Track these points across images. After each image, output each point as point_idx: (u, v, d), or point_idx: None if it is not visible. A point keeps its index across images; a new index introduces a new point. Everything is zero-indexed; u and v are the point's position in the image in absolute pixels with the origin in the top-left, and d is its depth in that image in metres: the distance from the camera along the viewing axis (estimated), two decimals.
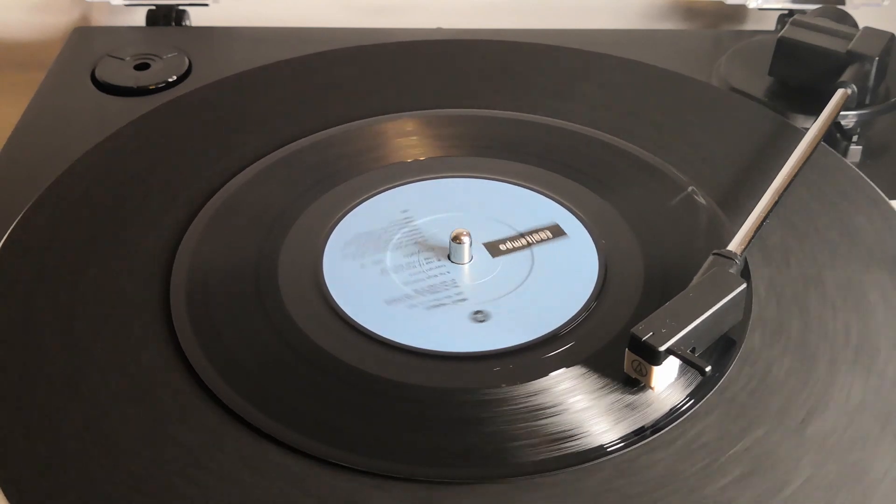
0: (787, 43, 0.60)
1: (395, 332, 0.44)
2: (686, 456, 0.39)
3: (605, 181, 0.52)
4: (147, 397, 0.41)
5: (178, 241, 0.48)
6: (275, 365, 0.42)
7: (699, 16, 0.78)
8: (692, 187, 0.51)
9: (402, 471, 0.38)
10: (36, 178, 0.53)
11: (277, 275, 0.46)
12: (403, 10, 0.77)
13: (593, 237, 0.49)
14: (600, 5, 0.77)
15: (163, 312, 0.44)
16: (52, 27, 0.77)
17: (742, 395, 0.41)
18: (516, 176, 0.52)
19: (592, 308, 0.45)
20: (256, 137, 0.55)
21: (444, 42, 0.65)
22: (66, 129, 0.59)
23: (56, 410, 0.40)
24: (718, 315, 0.41)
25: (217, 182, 0.52)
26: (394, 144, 0.55)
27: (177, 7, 0.71)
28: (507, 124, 0.56)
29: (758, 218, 0.46)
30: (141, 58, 0.65)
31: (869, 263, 0.47)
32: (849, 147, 0.58)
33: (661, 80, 0.60)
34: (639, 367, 0.40)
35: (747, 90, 0.61)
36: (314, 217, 0.50)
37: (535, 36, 0.65)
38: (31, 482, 0.37)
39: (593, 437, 0.39)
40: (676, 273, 0.45)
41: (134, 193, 0.51)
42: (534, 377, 0.41)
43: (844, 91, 0.56)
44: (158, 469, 0.38)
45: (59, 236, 0.48)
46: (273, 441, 0.39)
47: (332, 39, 0.65)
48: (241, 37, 0.69)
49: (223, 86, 0.59)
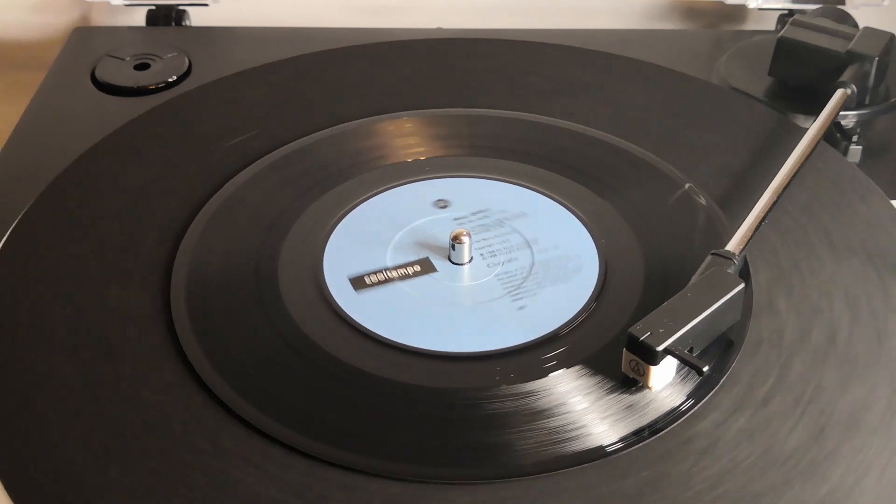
0: (787, 43, 0.60)
1: (395, 332, 0.44)
2: (686, 456, 0.39)
3: (605, 181, 0.52)
4: (147, 397, 0.41)
5: (178, 241, 0.48)
6: (275, 364, 0.42)
7: (699, 16, 0.78)
8: (689, 184, 0.51)
9: (402, 470, 0.38)
10: (36, 178, 0.53)
11: (277, 275, 0.46)
12: (403, 10, 0.77)
13: (593, 237, 0.49)
14: (600, 5, 0.77)
15: (163, 312, 0.44)
16: (52, 27, 0.77)
17: (741, 395, 0.41)
18: (516, 176, 0.52)
19: (592, 308, 0.45)
20: (256, 137, 0.55)
21: (444, 42, 0.65)
22: (66, 129, 0.59)
23: (56, 411, 0.40)
24: (716, 315, 0.41)
25: (217, 182, 0.52)
26: (394, 144, 0.55)
27: (177, 7, 0.71)
28: (507, 124, 0.56)
29: (756, 218, 0.46)
30: (141, 58, 0.65)
31: (869, 263, 0.47)
32: (849, 147, 0.58)
33: (661, 80, 0.60)
34: (636, 366, 0.40)
35: (747, 90, 0.61)
36: (314, 217, 0.50)
37: (535, 36, 0.65)
38: (31, 483, 0.37)
39: (593, 438, 0.39)
40: (676, 273, 0.45)
41: (134, 193, 0.51)
42: (533, 377, 0.42)
43: (844, 91, 0.56)
44: (158, 469, 0.38)
45: (59, 236, 0.48)
46: (272, 440, 0.39)
47: (332, 39, 0.65)
48: (241, 37, 0.69)
49: (223, 86, 0.59)
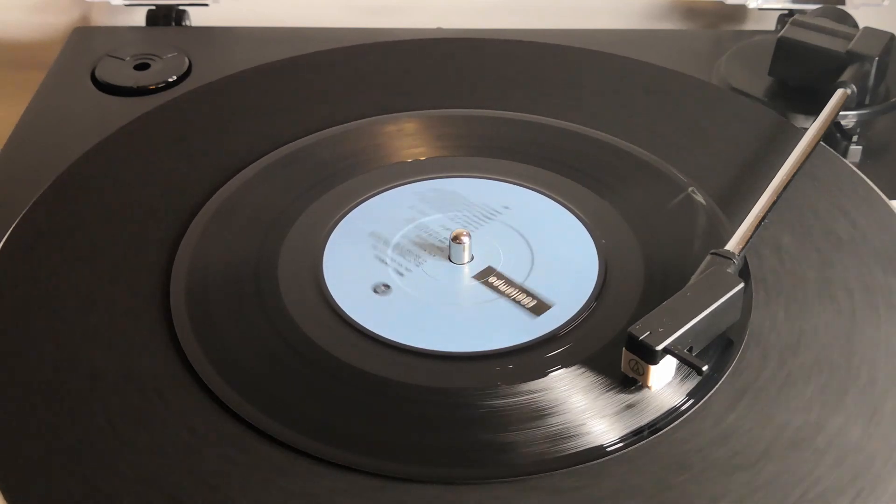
0: (787, 43, 0.60)
1: (395, 332, 0.44)
2: (685, 456, 0.39)
3: (605, 181, 0.52)
4: (147, 397, 0.41)
5: (177, 241, 0.48)
6: (275, 365, 0.42)
7: (699, 16, 0.78)
8: (692, 188, 0.51)
9: (402, 470, 0.38)
10: (36, 178, 0.53)
11: (277, 275, 0.46)
12: (403, 10, 0.77)
13: (593, 237, 0.49)
14: (600, 5, 0.77)
15: (163, 312, 0.44)
16: (52, 27, 0.77)
17: (741, 395, 0.41)
18: (516, 176, 0.52)
19: (592, 308, 0.45)
20: (256, 137, 0.55)
21: (444, 42, 0.65)
22: (66, 129, 0.59)
23: (55, 411, 0.40)
24: (716, 314, 0.41)
25: (217, 182, 0.52)
26: (394, 144, 0.55)
27: (177, 7, 0.71)
28: (507, 124, 0.56)
29: (756, 217, 0.46)
30: (141, 58, 0.65)
31: (868, 263, 0.47)
32: (849, 147, 0.58)
33: (661, 80, 0.60)
34: (636, 366, 0.40)
35: (747, 90, 0.61)
36: (314, 217, 0.50)
37: (535, 36, 0.65)
38: (31, 484, 0.37)
39: (592, 437, 0.39)
40: (676, 273, 0.45)
41: (134, 193, 0.51)
42: (533, 377, 0.42)
43: (844, 91, 0.56)
44: (157, 469, 0.38)
45: (58, 236, 0.48)
46: (273, 441, 0.39)
47: (332, 39, 0.65)
48: (241, 37, 0.69)
49: (223, 86, 0.59)
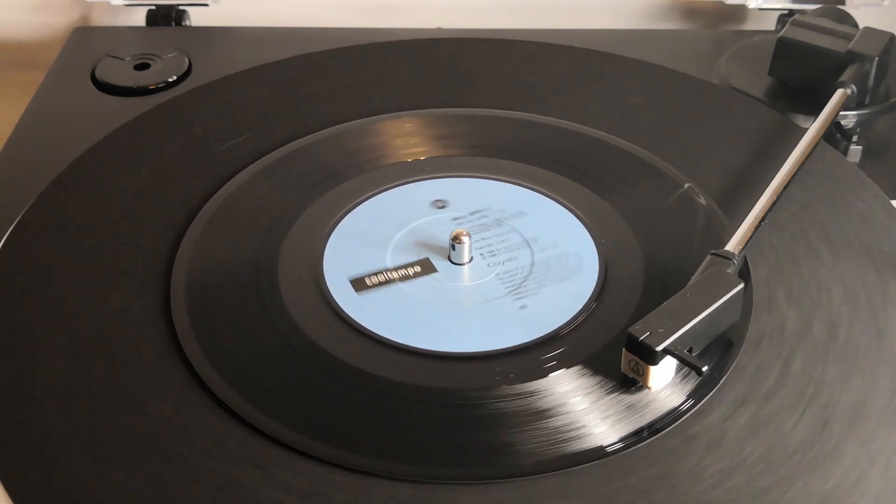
0: (787, 43, 0.60)
1: (395, 332, 0.44)
2: (686, 456, 0.39)
3: (605, 181, 0.52)
4: (147, 397, 0.41)
5: (178, 241, 0.48)
6: (275, 365, 0.42)
7: (699, 16, 0.78)
8: (689, 184, 0.51)
9: (402, 471, 0.38)
10: (36, 178, 0.53)
11: (277, 275, 0.46)
12: (403, 10, 0.77)
13: (593, 237, 0.49)
14: (600, 5, 0.77)
15: (163, 312, 0.44)
16: (52, 27, 0.77)
17: (741, 395, 0.41)
18: (516, 176, 0.52)
19: (592, 308, 0.45)
20: (256, 137, 0.55)
21: (444, 42, 0.65)
22: (66, 129, 0.59)
23: (55, 412, 0.40)
24: (716, 315, 0.41)
25: (217, 182, 0.52)
26: (394, 144, 0.55)
27: (177, 7, 0.71)
28: (507, 124, 0.56)
29: (756, 217, 0.46)
30: (141, 58, 0.65)
31: (869, 263, 0.47)
32: (849, 147, 0.58)
33: (661, 80, 0.60)
34: (636, 366, 0.40)
35: (747, 90, 0.61)
36: (314, 217, 0.50)
37: (535, 36, 0.65)
38: (30, 484, 0.37)
39: (592, 438, 0.39)
40: (677, 273, 0.45)
41: (134, 194, 0.51)
42: (533, 378, 0.42)
43: (844, 91, 0.56)
44: (157, 469, 0.38)
45: (58, 236, 0.48)
46: (273, 441, 0.39)
47: (332, 39, 0.65)
48: (241, 37, 0.69)
49: (223, 86, 0.59)
